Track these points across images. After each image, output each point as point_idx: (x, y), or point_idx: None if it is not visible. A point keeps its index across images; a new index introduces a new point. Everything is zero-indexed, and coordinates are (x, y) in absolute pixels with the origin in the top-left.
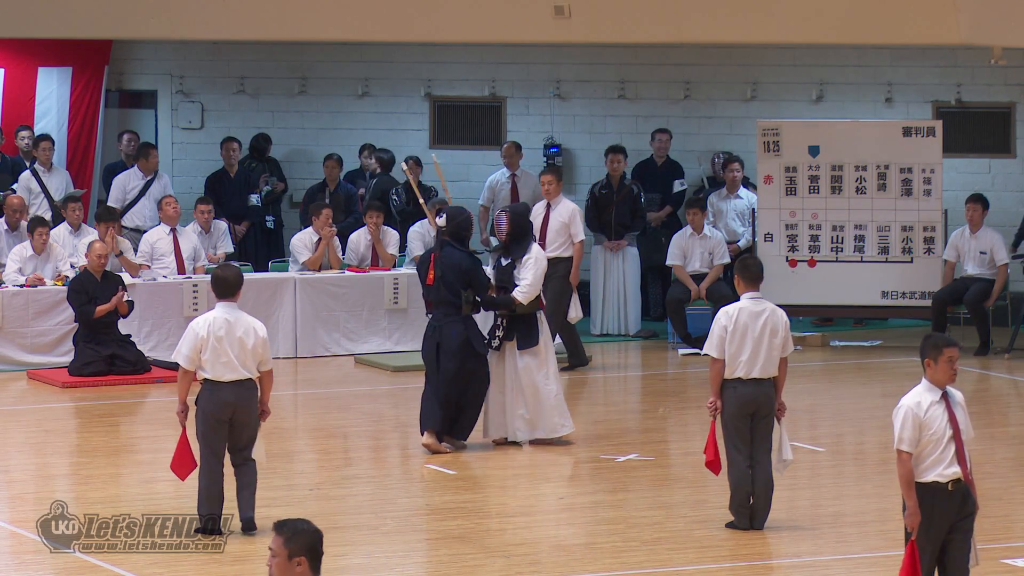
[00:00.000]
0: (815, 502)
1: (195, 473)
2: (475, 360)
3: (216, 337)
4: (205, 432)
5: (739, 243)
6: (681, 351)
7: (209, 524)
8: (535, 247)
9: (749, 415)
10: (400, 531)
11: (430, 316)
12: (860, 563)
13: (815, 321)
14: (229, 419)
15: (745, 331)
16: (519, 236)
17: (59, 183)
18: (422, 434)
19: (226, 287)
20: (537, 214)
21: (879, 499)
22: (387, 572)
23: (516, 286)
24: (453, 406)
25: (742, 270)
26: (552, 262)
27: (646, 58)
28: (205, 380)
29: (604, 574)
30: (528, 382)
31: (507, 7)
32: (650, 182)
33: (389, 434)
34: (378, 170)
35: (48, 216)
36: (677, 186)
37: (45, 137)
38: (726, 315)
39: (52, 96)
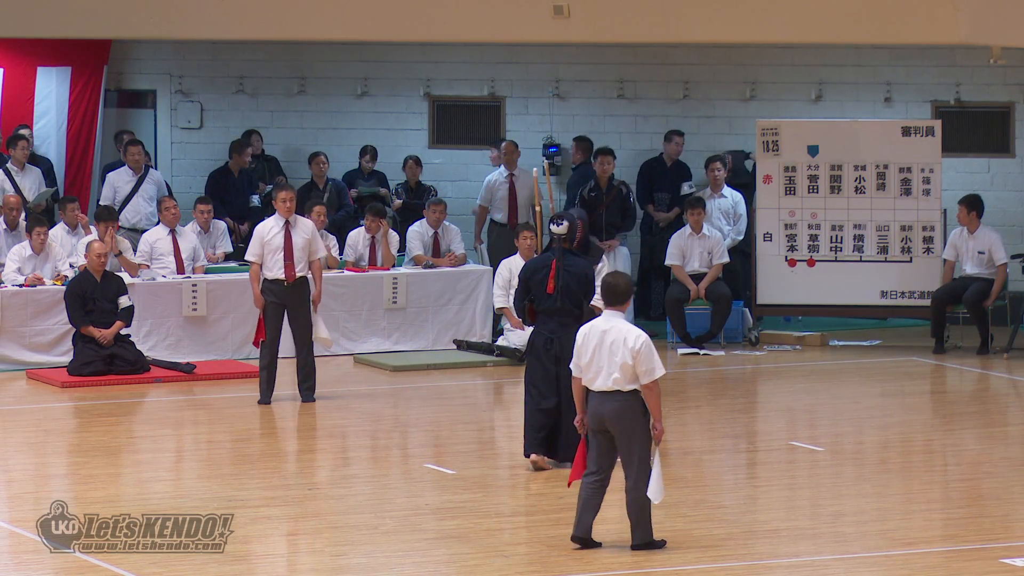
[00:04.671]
0: (814, 502)
1: None
2: None
3: (591, 346)
4: (589, 441)
5: (725, 241)
6: (680, 351)
7: (577, 542)
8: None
9: None
10: (399, 531)
11: (536, 326)
12: (859, 563)
13: None
14: (605, 431)
15: None
16: (587, 243)
17: (32, 182)
18: (527, 455)
19: (614, 295)
20: (275, 232)
21: (878, 499)
22: (386, 572)
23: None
24: (565, 423)
25: None
26: (300, 282)
27: (645, 58)
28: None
29: (604, 574)
30: None
31: (506, 7)
32: (659, 182)
33: (388, 434)
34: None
35: (22, 216)
36: (685, 188)
37: (22, 136)
38: None
39: (51, 96)
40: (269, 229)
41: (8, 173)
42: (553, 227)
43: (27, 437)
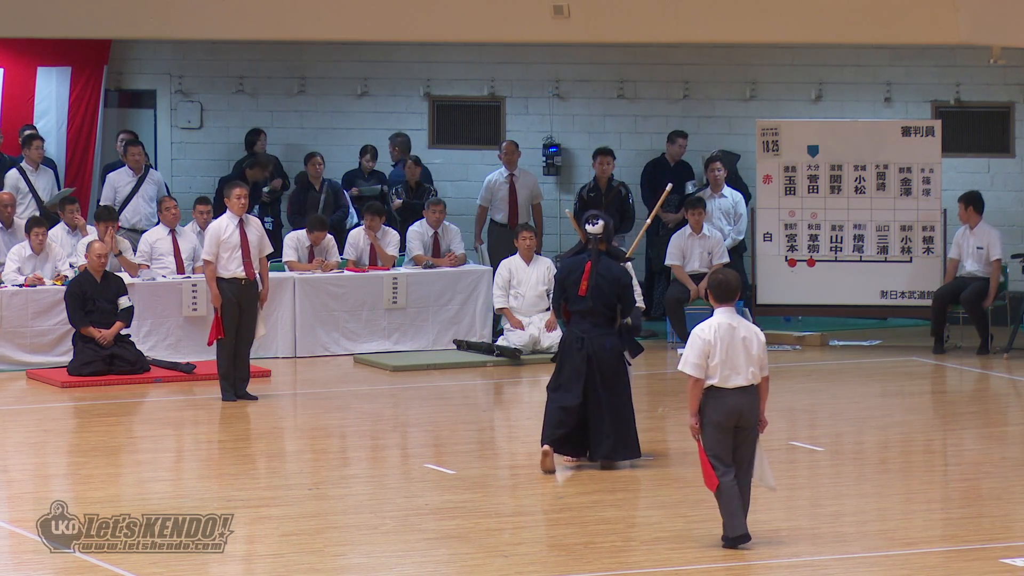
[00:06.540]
0: (814, 502)
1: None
2: (626, 375)
3: (725, 344)
4: (711, 442)
5: (725, 241)
6: (680, 351)
7: (736, 544)
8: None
9: None
10: (399, 531)
11: (569, 326)
12: (859, 563)
13: None
14: (734, 427)
15: None
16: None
17: (46, 182)
18: (542, 445)
19: (727, 291)
20: (231, 230)
21: (878, 499)
22: (386, 572)
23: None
24: (604, 421)
25: None
26: (253, 281)
27: (645, 58)
28: (709, 387)
29: (604, 574)
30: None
31: (506, 7)
32: (663, 183)
33: (388, 434)
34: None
35: (36, 215)
36: (689, 187)
37: (37, 136)
38: None
39: (51, 96)
40: (224, 227)
41: (23, 172)
42: (589, 227)
43: (27, 437)
